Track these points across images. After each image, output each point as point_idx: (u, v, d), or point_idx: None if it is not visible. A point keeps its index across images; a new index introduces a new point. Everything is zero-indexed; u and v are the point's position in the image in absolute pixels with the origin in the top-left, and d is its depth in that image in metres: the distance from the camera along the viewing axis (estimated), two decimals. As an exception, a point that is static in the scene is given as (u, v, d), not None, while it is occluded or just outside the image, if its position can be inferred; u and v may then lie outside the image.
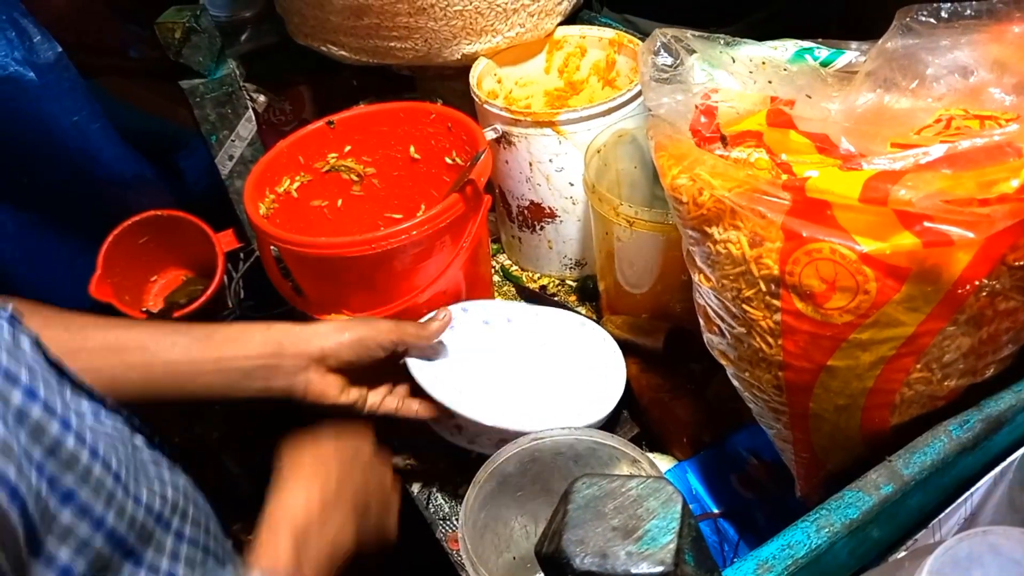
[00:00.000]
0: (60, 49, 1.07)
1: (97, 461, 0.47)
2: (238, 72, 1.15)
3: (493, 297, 1.04)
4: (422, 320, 0.81)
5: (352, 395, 0.73)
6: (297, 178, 0.97)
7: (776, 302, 0.54)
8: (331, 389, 0.72)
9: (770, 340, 0.56)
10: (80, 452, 0.46)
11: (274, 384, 0.69)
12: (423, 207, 1.06)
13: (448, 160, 1.00)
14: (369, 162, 1.02)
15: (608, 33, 1.06)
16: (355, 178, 1.03)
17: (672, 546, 0.40)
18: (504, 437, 0.72)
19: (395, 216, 1.08)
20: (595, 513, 0.42)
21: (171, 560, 0.53)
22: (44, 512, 0.42)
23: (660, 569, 0.39)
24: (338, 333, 0.71)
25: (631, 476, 0.44)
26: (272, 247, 0.87)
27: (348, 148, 1.00)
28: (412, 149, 1.01)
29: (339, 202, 1.04)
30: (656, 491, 0.43)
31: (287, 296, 0.94)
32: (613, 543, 0.40)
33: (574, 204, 1.00)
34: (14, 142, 1.08)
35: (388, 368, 0.77)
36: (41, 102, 1.07)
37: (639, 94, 0.95)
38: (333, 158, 1.00)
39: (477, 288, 0.98)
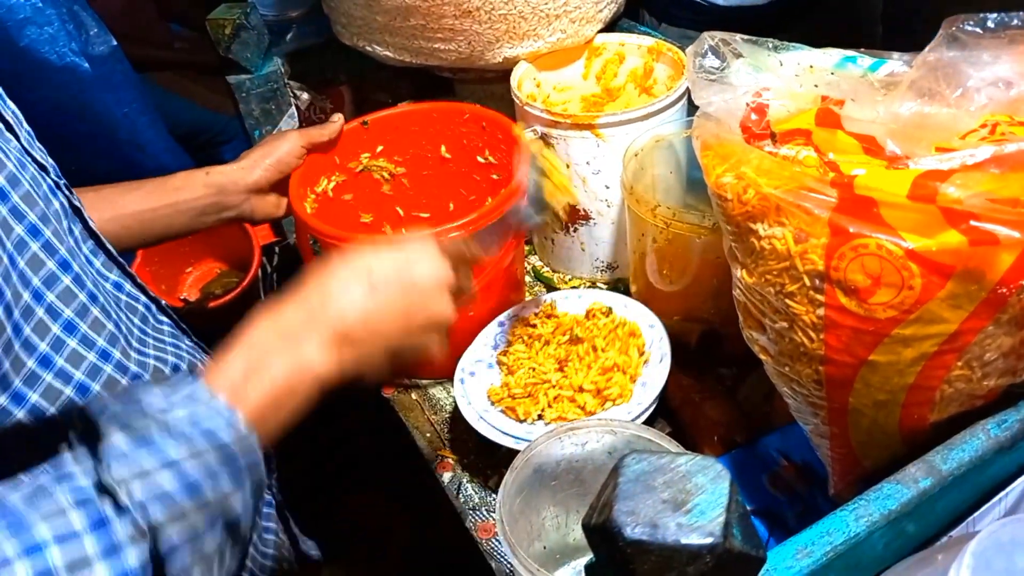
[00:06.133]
0: (115, 42, 1.10)
1: (96, 306, 0.56)
2: (283, 70, 1.18)
3: (524, 298, 1.06)
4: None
5: (284, 206, 0.89)
6: (333, 178, 0.99)
7: (820, 297, 0.55)
8: (271, 208, 0.89)
9: (812, 335, 0.57)
10: (78, 292, 0.54)
11: (224, 215, 0.85)
12: (451, 206, 1.08)
13: (480, 159, 1.01)
14: (400, 161, 1.03)
15: (647, 41, 1.08)
16: (386, 177, 1.04)
17: (721, 519, 0.41)
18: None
19: (422, 215, 1.09)
20: (645, 487, 0.43)
21: None
22: (35, 322, 0.50)
23: (710, 540, 0.40)
24: (261, 162, 0.86)
25: (680, 453, 0.45)
26: (312, 242, 0.89)
27: (380, 148, 1.02)
28: (443, 148, 1.03)
29: (369, 202, 1.05)
30: (705, 468, 0.44)
31: None
32: (663, 515, 0.42)
33: (609, 207, 1.02)
34: (66, 130, 1.11)
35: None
36: (94, 92, 1.10)
37: (677, 100, 0.96)
38: (366, 158, 1.01)
39: (513, 289, 0.99)
